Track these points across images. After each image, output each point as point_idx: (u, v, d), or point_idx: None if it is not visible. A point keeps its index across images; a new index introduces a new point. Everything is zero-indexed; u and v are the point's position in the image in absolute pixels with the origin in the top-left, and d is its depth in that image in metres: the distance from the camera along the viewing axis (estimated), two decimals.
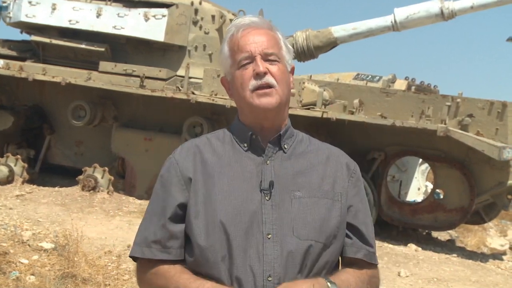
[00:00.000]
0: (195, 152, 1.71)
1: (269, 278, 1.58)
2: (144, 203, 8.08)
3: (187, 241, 1.68)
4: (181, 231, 1.67)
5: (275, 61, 1.67)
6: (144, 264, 1.70)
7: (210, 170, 1.67)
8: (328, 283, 1.58)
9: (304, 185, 1.67)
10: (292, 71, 1.75)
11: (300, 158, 1.72)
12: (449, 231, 9.01)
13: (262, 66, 1.64)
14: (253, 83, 1.65)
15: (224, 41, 1.73)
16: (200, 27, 9.07)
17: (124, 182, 8.88)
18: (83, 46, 9.14)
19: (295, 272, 1.60)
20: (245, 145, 1.70)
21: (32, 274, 4.68)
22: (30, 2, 9.23)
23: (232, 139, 1.73)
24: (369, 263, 1.73)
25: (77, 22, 9.09)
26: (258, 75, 1.64)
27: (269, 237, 1.60)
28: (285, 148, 1.71)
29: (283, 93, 1.67)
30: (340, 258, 1.74)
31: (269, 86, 1.65)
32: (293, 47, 8.60)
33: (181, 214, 1.67)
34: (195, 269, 1.64)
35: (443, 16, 8.32)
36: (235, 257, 1.59)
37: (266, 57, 1.66)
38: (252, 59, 1.65)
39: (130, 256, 1.73)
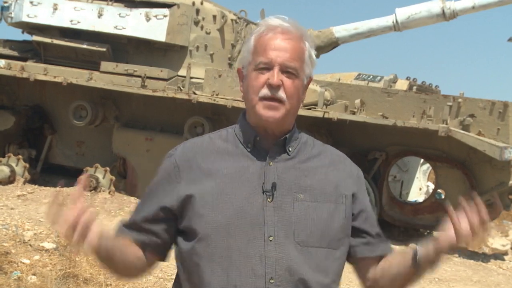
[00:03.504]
0: (197, 152, 1.69)
1: (271, 281, 1.57)
2: None
3: (189, 240, 1.66)
4: (160, 230, 1.69)
5: (293, 74, 1.64)
6: None
7: (211, 170, 1.65)
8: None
9: (307, 188, 1.65)
10: (309, 83, 1.73)
11: (304, 161, 1.70)
12: None
13: (277, 78, 1.61)
14: (264, 91, 1.62)
15: (251, 34, 1.71)
16: (202, 27, 9.07)
17: (126, 182, 8.89)
18: (84, 46, 9.13)
19: (298, 274, 1.59)
20: (249, 145, 1.68)
21: (34, 274, 4.69)
22: (31, 2, 9.23)
23: (235, 139, 1.71)
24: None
25: (78, 22, 9.09)
26: (270, 86, 1.62)
27: (270, 239, 1.59)
28: (289, 151, 1.69)
29: (291, 107, 1.65)
30: (352, 262, 1.75)
31: (278, 100, 1.63)
32: None
33: (167, 217, 1.68)
34: (194, 268, 1.63)
35: (445, 16, 8.32)
36: (236, 259, 1.58)
37: (285, 69, 1.63)
38: (270, 66, 1.63)
39: None
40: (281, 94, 1.62)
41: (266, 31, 1.66)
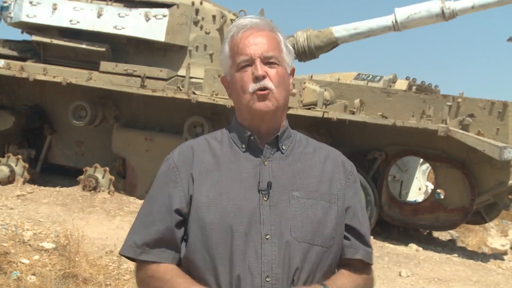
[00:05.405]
0: (193, 154, 1.71)
1: (267, 279, 1.59)
2: None
3: (186, 240, 1.67)
4: (178, 236, 1.67)
5: (275, 64, 1.67)
6: (142, 266, 1.68)
7: (208, 171, 1.67)
8: None
9: (302, 186, 1.67)
10: (292, 72, 1.75)
11: (298, 159, 1.72)
12: (450, 231, 9.01)
13: (261, 69, 1.65)
14: (252, 86, 1.65)
15: (225, 41, 1.73)
16: (201, 27, 9.07)
17: (125, 182, 8.89)
18: (83, 46, 9.13)
19: (293, 273, 1.60)
20: (243, 146, 1.70)
21: (33, 274, 4.69)
22: (31, 2, 9.23)
23: (230, 140, 1.73)
24: (366, 264, 1.74)
25: (77, 22, 9.09)
26: (257, 79, 1.64)
27: (267, 237, 1.60)
28: (282, 149, 1.71)
29: (281, 96, 1.67)
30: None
31: (266, 89, 1.65)
32: (293, 47, 8.60)
33: (179, 219, 1.66)
34: (193, 270, 1.64)
35: (444, 16, 8.32)
36: (234, 258, 1.59)
37: (265, 60, 1.66)
38: (251, 62, 1.66)
39: (120, 254, 1.71)
40: (268, 83, 1.65)
41: (237, 32, 1.69)
